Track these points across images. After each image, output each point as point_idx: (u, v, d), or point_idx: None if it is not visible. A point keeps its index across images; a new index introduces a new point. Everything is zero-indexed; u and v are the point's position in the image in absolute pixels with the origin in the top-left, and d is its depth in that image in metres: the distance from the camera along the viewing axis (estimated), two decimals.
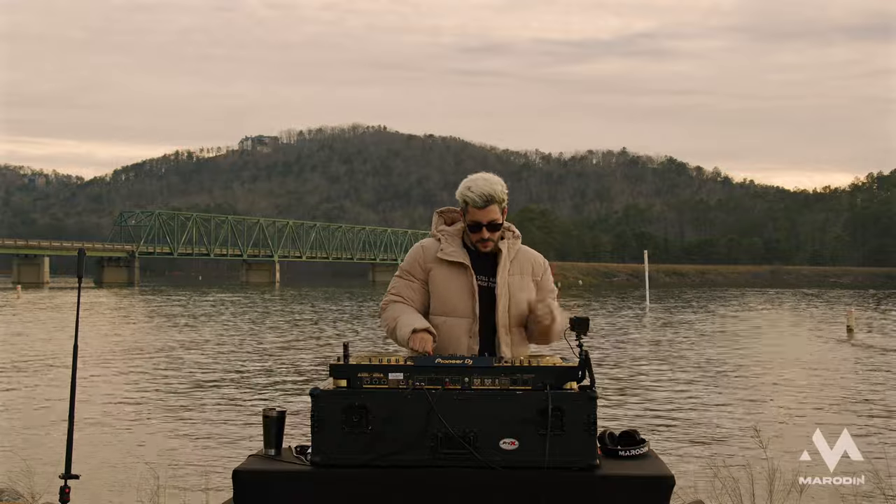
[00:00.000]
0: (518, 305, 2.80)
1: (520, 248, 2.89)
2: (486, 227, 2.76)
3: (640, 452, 2.54)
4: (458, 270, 2.80)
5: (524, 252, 2.90)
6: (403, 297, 2.83)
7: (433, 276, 2.81)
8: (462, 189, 2.80)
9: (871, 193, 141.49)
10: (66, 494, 2.75)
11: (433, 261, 2.82)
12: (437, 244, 2.85)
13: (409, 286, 2.84)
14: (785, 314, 34.73)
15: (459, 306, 2.77)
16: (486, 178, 2.79)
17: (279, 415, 2.60)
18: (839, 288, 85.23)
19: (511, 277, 2.82)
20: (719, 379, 13.41)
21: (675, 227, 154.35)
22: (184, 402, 10.88)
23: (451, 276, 2.79)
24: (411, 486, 2.33)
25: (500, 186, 2.79)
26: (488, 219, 2.76)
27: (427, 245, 2.87)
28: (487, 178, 2.79)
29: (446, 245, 2.82)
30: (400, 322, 2.73)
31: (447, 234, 2.86)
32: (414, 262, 2.85)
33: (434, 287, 2.81)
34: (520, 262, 2.86)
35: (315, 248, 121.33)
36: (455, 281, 2.79)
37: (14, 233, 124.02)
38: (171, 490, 5.01)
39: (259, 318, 29.88)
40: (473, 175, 2.83)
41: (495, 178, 2.81)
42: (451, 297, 2.78)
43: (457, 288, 2.78)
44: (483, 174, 2.82)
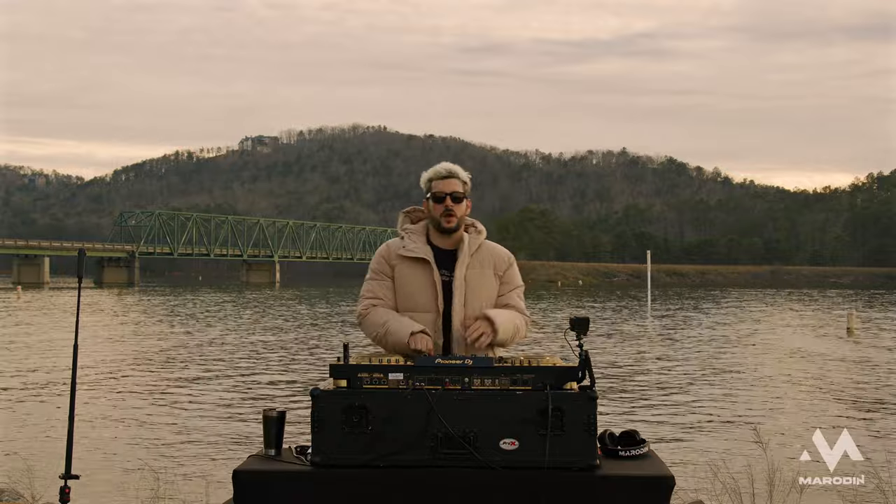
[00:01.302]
0: (477, 300, 2.84)
1: (483, 242, 2.94)
2: (449, 197, 2.85)
3: (640, 452, 2.55)
4: (420, 266, 2.85)
5: (487, 247, 2.94)
6: (380, 297, 2.86)
7: (397, 273, 2.87)
8: (426, 172, 2.95)
9: (871, 193, 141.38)
10: (66, 494, 2.75)
11: (396, 258, 2.88)
12: (400, 242, 2.92)
13: (383, 285, 2.88)
14: (785, 314, 34.73)
15: (422, 302, 2.81)
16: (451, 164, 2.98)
17: (279, 415, 2.61)
18: (839, 288, 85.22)
19: (470, 271, 2.86)
20: (719, 379, 13.41)
21: (675, 227, 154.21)
22: (184, 402, 10.88)
23: (413, 272, 2.84)
24: (411, 486, 2.33)
25: (464, 171, 2.94)
26: (451, 189, 2.86)
27: (391, 243, 2.94)
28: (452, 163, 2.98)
29: (409, 242, 2.89)
30: (391, 327, 2.74)
31: (411, 231, 2.94)
32: (381, 260, 2.91)
33: (398, 284, 2.86)
34: (481, 256, 2.91)
35: (315, 248, 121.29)
36: (418, 277, 2.84)
37: (14, 233, 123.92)
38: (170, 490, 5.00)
39: (259, 318, 29.88)
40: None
41: (459, 167, 2.97)
42: (414, 293, 2.83)
43: (419, 283, 2.83)
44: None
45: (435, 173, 2.89)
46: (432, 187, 2.88)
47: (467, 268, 2.86)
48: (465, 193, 2.89)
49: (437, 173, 2.89)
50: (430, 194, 2.88)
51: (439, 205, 2.85)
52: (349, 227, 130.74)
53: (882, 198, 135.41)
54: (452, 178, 2.87)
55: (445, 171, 2.89)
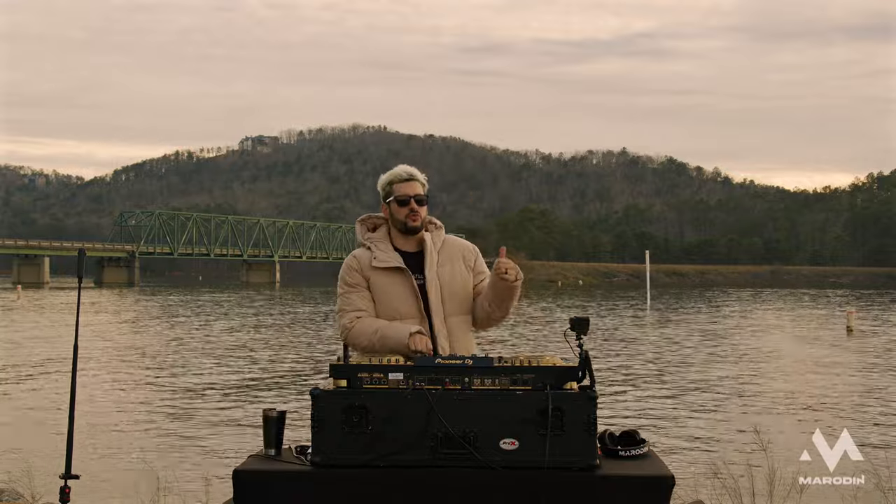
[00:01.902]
0: (453, 295, 2.85)
1: (445, 237, 2.95)
2: (413, 200, 2.86)
3: (640, 452, 2.54)
4: (396, 274, 2.83)
5: (451, 241, 2.96)
6: (363, 308, 2.83)
7: (373, 285, 2.84)
8: (384, 176, 2.94)
9: (871, 193, 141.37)
10: (66, 495, 2.75)
11: (369, 269, 2.84)
12: (368, 253, 2.88)
13: (362, 296, 2.84)
14: (785, 314, 34.73)
15: (404, 309, 2.80)
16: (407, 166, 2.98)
17: (279, 415, 2.60)
18: (839, 288, 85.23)
19: (440, 268, 2.86)
20: (719, 379, 13.41)
21: (675, 227, 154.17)
22: (184, 402, 10.89)
23: (390, 281, 2.83)
24: (411, 486, 2.33)
25: (421, 173, 2.94)
26: (414, 191, 2.87)
27: (359, 255, 2.89)
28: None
29: (378, 252, 2.86)
30: (386, 332, 2.74)
31: (375, 240, 2.90)
32: (353, 272, 2.86)
33: (377, 295, 2.83)
34: (448, 251, 2.91)
35: (315, 248, 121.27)
36: (396, 285, 2.82)
37: (14, 233, 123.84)
38: (171, 490, 5.01)
39: (259, 318, 29.88)
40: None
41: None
42: (394, 301, 2.81)
43: (399, 292, 2.82)
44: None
45: (396, 176, 2.88)
46: (394, 190, 2.87)
47: (437, 265, 2.87)
48: (426, 198, 2.90)
49: (398, 176, 2.88)
50: (393, 197, 2.87)
51: (404, 207, 2.85)
52: (349, 227, 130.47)
53: (882, 198, 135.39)
54: (414, 180, 2.88)
55: (407, 175, 2.88)
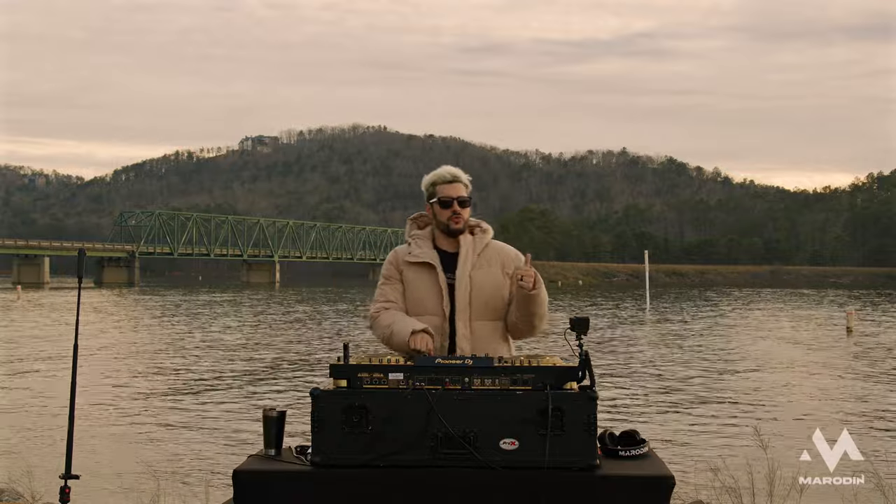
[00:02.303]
0: (481, 298, 2.84)
1: (489, 242, 2.95)
2: (456, 202, 2.87)
3: (640, 452, 2.54)
4: (426, 270, 2.88)
5: (495, 246, 2.95)
6: (392, 300, 2.89)
7: (405, 279, 2.90)
8: (428, 175, 2.95)
9: (871, 193, 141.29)
10: (66, 495, 2.75)
11: (404, 264, 2.92)
12: (407, 248, 2.95)
13: (394, 288, 2.92)
14: (785, 314, 34.73)
15: (429, 305, 2.84)
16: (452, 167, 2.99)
17: (279, 415, 2.61)
18: (839, 288, 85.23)
19: (476, 271, 2.87)
20: (719, 379, 13.42)
21: (675, 227, 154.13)
22: (184, 402, 10.89)
23: (420, 276, 2.88)
24: (411, 486, 2.33)
25: (464, 174, 2.95)
26: (457, 194, 2.88)
27: (399, 250, 2.98)
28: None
29: (415, 248, 2.92)
30: (396, 327, 2.77)
31: (418, 237, 2.96)
32: (390, 266, 2.96)
33: (407, 289, 2.90)
34: (487, 255, 2.91)
35: (315, 248, 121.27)
36: (424, 281, 2.87)
37: (14, 233, 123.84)
38: (171, 490, 5.01)
39: (258, 319, 29.88)
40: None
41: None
42: (422, 297, 2.86)
43: (426, 287, 2.86)
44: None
45: (439, 178, 2.90)
46: (437, 192, 2.89)
47: (473, 267, 2.87)
48: (469, 196, 2.92)
49: (442, 178, 2.89)
50: (436, 199, 2.89)
51: (446, 209, 2.87)
52: (349, 227, 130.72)
53: (882, 198, 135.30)
54: (457, 182, 2.89)
55: (450, 176, 2.89)
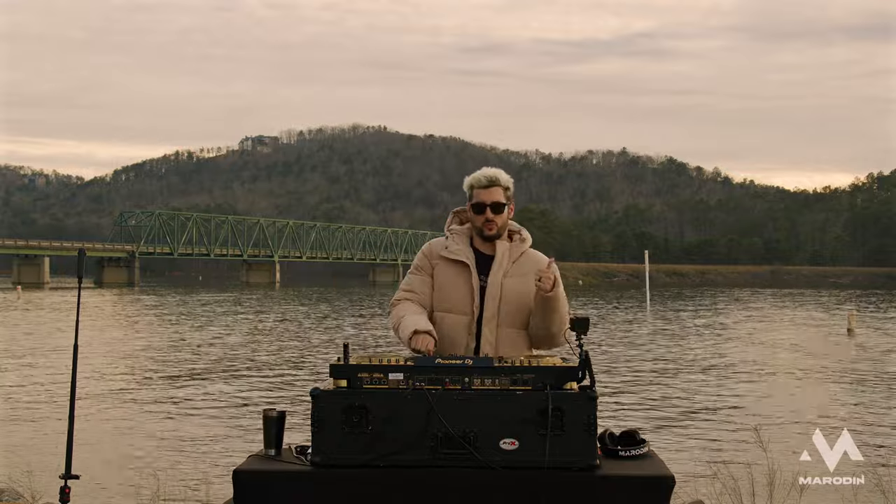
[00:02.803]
0: (510, 305, 2.81)
1: (527, 251, 2.92)
2: (489, 208, 2.82)
3: (640, 452, 2.54)
4: (460, 268, 2.85)
5: (530, 255, 2.92)
6: (416, 290, 2.88)
7: (437, 273, 2.88)
8: (468, 177, 2.91)
9: (871, 193, 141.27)
10: (66, 495, 2.75)
11: (438, 258, 2.89)
12: (444, 241, 2.93)
13: (423, 281, 2.90)
14: (785, 315, 34.72)
15: (460, 303, 2.82)
16: (493, 168, 2.93)
17: (279, 415, 2.61)
18: (839, 288, 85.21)
19: (509, 279, 2.83)
20: (719, 379, 13.41)
21: (675, 227, 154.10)
22: (184, 401, 10.89)
23: (453, 273, 2.85)
24: (411, 486, 2.33)
25: (505, 175, 2.90)
26: (492, 199, 2.83)
27: (435, 242, 2.95)
28: (495, 168, 2.93)
29: (452, 244, 2.89)
30: (403, 322, 2.76)
31: (455, 233, 2.93)
32: (424, 257, 2.94)
33: (437, 283, 2.87)
34: (522, 264, 2.87)
35: (315, 248, 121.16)
36: (457, 278, 2.84)
37: (14, 233, 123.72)
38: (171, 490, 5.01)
39: (258, 319, 29.87)
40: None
41: (501, 170, 2.93)
42: (452, 294, 2.83)
43: (458, 285, 2.83)
44: (490, 167, 2.95)
45: (476, 181, 2.85)
46: (473, 195, 2.86)
47: (505, 275, 2.83)
48: (508, 200, 2.86)
49: (479, 181, 2.84)
50: (472, 203, 2.86)
51: (480, 215, 2.84)
52: (349, 227, 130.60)
53: (882, 198, 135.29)
54: (494, 186, 2.83)
55: (486, 180, 2.83)
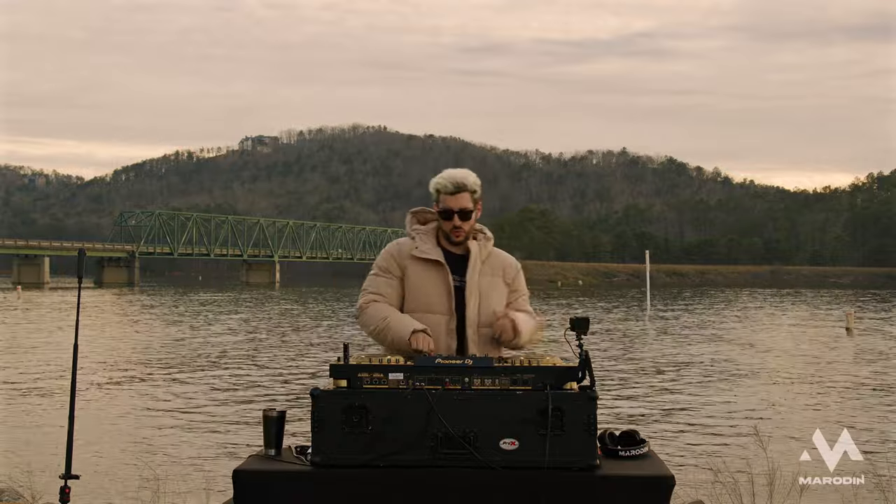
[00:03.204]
0: (489, 307, 2.82)
1: (492, 250, 2.92)
2: (457, 215, 2.80)
3: (640, 452, 2.54)
4: (433, 268, 2.82)
5: (496, 254, 2.93)
6: (383, 293, 2.82)
7: (409, 274, 2.83)
8: (435, 179, 2.85)
9: (871, 193, 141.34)
10: (66, 494, 2.75)
11: (408, 258, 2.84)
12: (411, 242, 2.88)
13: (388, 283, 2.84)
14: (784, 315, 34.72)
15: (437, 303, 2.79)
16: (460, 169, 2.87)
17: (279, 415, 2.60)
18: (839, 288, 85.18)
19: (482, 278, 2.84)
20: (719, 379, 13.41)
21: (675, 227, 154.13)
22: (184, 401, 10.88)
23: (427, 273, 2.82)
24: (411, 486, 2.33)
25: (472, 177, 2.84)
26: (459, 206, 2.80)
27: (402, 243, 2.90)
28: (461, 169, 2.87)
29: (421, 243, 2.85)
30: (392, 323, 2.72)
31: (421, 232, 2.89)
32: (390, 258, 2.87)
33: (410, 284, 2.82)
34: (492, 263, 2.89)
35: (315, 248, 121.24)
36: (432, 278, 2.81)
37: (14, 233, 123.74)
38: (171, 490, 5.00)
39: (258, 319, 29.87)
40: (450, 169, 2.90)
41: (468, 171, 2.88)
42: (429, 294, 2.80)
43: (434, 285, 2.81)
44: (458, 168, 2.89)
45: (443, 187, 2.80)
46: (440, 200, 2.82)
47: (479, 275, 2.84)
48: (475, 204, 2.84)
49: (445, 187, 2.79)
50: (439, 209, 2.83)
51: (447, 221, 2.81)
52: (349, 227, 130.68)
53: (882, 198, 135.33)
54: (461, 192, 2.79)
55: (453, 186, 2.79)
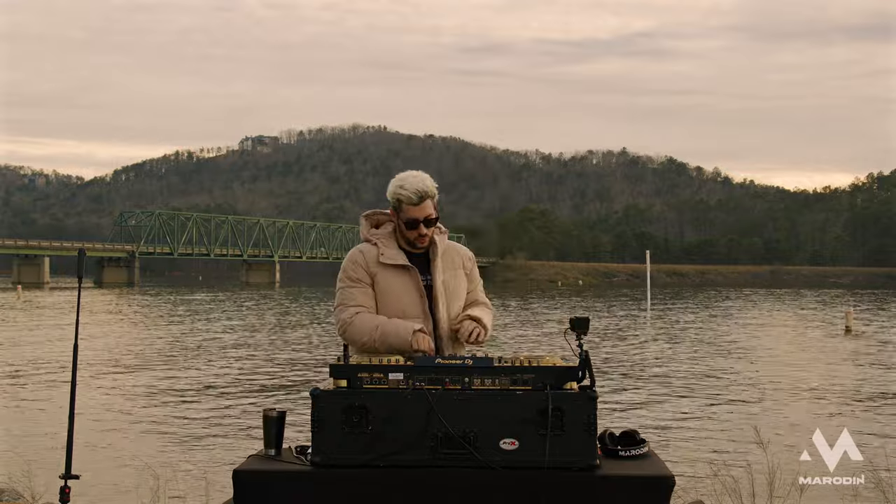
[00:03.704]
0: (456, 301, 2.87)
1: (449, 243, 2.94)
2: (422, 223, 2.80)
3: (640, 452, 2.54)
4: (403, 273, 2.82)
5: (452, 247, 2.95)
6: (364, 305, 2.80)
7: (379, 281, 2.81)
8: (393, 188, 2.82)
9: (871, 193, 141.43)
10: (66, 495, 2.75)
11: (376, 265, 2.82)
12: (375, 249, 2.85)
13: (364, 293, 2.81)
14: (784, 315, 34.72)
15: (411, 308, 2.79)
16: (415, 174, 2.85)
17: (279, 415, 2.61)
18: (839, 288, 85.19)
19: (446, 274, 2.87)
20: (719, 379, 13.41)
21: (675, 227, 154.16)
22: (183, 401, 10.88)
23: (397, 279, 2.81)
24: (411, 486, 2.33)
25: (430, 182, 2.84)
26: (424, 214, 2.80)
27: (366, 250, 2.86)
28: (417, 174, 2.85)
29: (386, 249, 2.84)
30: (387, 329, 2.72)
31: (381, 237, 2.87)
32: (358, 267, 2.83)
33: (382, 291, 2.81)
34: (450, 256, 2.92)
35: (315, 248, 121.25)
36: (403, 283, 2.81)
37: (14, 233, 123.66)
38: (171, 490, 5.00)
39: (258, 319, 29.87)
40: (401, 174, 2.86)
41: (425, 175, 2.86)
42: (401, 299, 2.80)
43: (406, 290, 2.81)
44: (412, 172, 2.87)
45: (406, 199, 2.77)
46: (403, 210, 2.80)
47: (442, 271, 2.87)
48: (437, 208, 2.84)
49: (409, 199, 2.77)
50: (402, 219, 2.80)
51: (412, 230, 2.81)
52: (349, 227, 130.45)
53: (882, 198, 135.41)
54: (424, 200, 2.78)
55: (416, 198, 2.76)
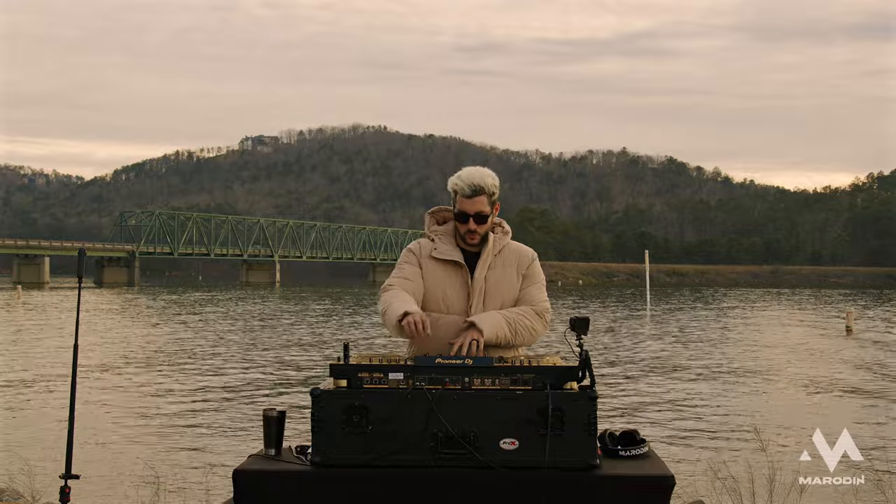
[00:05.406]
0: (495, 299, 2.79)
1: (508, 243, 2.89)
2: (472, 219, 2.76)
3: (640, 452, 2.54)
4: (452, 268, 2.81)
5: (511, 247, 2.89)
6: (409, 277, 2.80)
7: (427, 274, 2.82)
8: (453, 179, 2.81)
9: (871, 193, 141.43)
10: (66, 494, 2.75)
11: (427, 258, 2.83)
12: (430, 243, 2.86)
13: (413, 270, 2.82)
14: (784, 315, 34.72)
15: (455, 303, 2.79)
16: (477, 169, 2.82)
17: (279, 415, 2.61)
18: (839, 288, 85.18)
19: (491, 272, 2.82)
20: (719, 379, 13.40)
21: (675, 227, 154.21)
22: (184, 401, 10.88)
23: (445, 274, 2.81)
24: (411, 485, 2.33)
25: (490, 179, 2.79)
26: (475, 210, 2.76)
27: (423, 243, 2.89)
28: (479, 169, 2.82)
29: (440, 244, 2.84)
30: (392, 306, 2.69)
31: (439, 233, 2.88)
32: (411, 254, 2.87)
33: (429, 285, 2.81)
34: (504, 256, 2.86)
35: (315, 248, 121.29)
36: (450, 279, 2.81)
37: (14, 233, 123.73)
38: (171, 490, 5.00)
39: (259, 319, 29.87)
40: (468, 167, 2.85)
41: (487, 171, 2.82)
42: (448, 295, 2.79)
43: (451, 285, 2.80)
44: (477, 167, 2.84)
45: (460, 189, 2.75)
46: (457, 202, 2.79)
47: (489, 268, 2.82)
48: (492, 206, 2.80)
49: (462, 191, 2.75)
50: (455, 210, 2.80)
51: (463, 224, 2.79)
52: (349, 227, 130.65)
53: (882, 198, 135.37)
54: (478, 195, 2.74)
55: (470, 190, 2.74)
